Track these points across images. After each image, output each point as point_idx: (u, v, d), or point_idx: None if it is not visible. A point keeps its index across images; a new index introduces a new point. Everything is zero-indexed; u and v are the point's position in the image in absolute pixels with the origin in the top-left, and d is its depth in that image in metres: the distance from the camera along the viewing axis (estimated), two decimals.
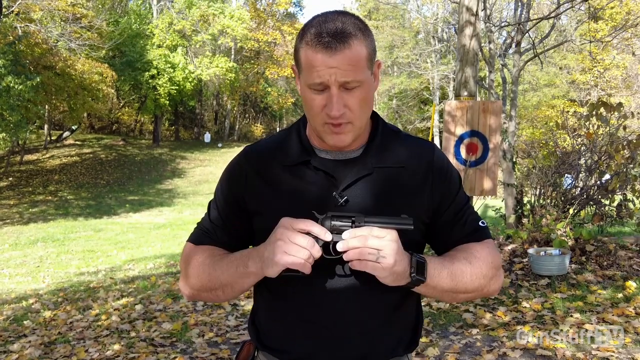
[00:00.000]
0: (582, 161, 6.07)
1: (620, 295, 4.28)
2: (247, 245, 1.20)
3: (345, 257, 0.97)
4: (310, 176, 1.11)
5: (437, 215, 1.15)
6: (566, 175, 6.20)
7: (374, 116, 1.18)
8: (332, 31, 0.99)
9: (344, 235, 0.97)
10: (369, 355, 1.13)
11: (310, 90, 1.04)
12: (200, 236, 1.20)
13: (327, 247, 1.01)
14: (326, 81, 1.00)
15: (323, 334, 1.11)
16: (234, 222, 1.18)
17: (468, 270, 1.09)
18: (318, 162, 1.11)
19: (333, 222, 1.00)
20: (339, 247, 0.97)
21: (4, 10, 14.18)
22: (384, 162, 1.12)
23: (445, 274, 1.06)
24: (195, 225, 1.24)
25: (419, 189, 1.13)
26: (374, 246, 0.95)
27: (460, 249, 1.14)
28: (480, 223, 1.18)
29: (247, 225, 1.17)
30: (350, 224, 0.99)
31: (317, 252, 0.98)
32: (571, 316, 3.90)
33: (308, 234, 0.98)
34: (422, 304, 4.43)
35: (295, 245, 0.96)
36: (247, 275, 1.06)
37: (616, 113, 5.48)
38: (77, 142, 26.97)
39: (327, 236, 0.98)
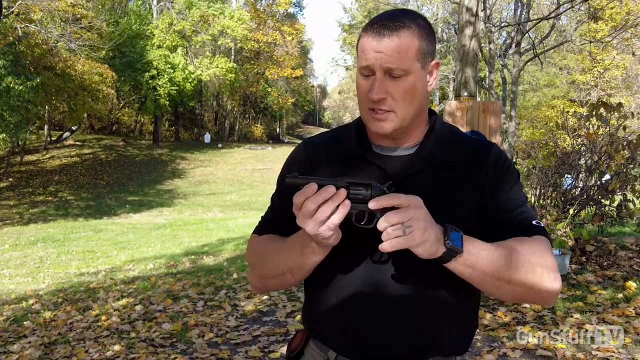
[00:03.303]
0: (582, 161, 6.07)
1: (620, 295, 4.28)
2: None
3: (379, 227, 0.95)
4: (364, 169, 1.14)
5: (488, 212, 1.12)
6: (566, 175, 6.20)
7: (432, 114, 1.20)
8: (386, 19, 1.05)
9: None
10: (414, 348, 1.12)
11: (360, 75, 1.08)
12: (264, 227, 1.24)
13: (362, 217, 1.01)
14: (372, 64, 1.04)
15: (368, 324, 1.12)
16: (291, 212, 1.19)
17: (513, 257, 1.02)
18: (372, 156, 1.14)
19: (351, 191, 0.99)
20: (383, 244, 0.95)
21: (4, 10, 14.19)
22: (437, 160, 1.13)
23: (485, 254, 1.01)
24: (260, 219, 1.27)
25: (470, 187, 1.12)
26: (396, 221, 0.94)
27: (508, 240, 1.08)
28: (534, 222, 1.12)
29: None
30: (367, 191, 0.99)
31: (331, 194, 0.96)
32: (571, 316, 3.90)
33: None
34: None
35: (317, 216, 0.96)
36: (316, 253, 1.06)
37: (616, 113, 5.48)
38: (77, 143, 26.99)
39: (331, 189, 0.96)
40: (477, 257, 1.01)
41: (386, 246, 0.95)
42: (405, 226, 0.94)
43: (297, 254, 1.08)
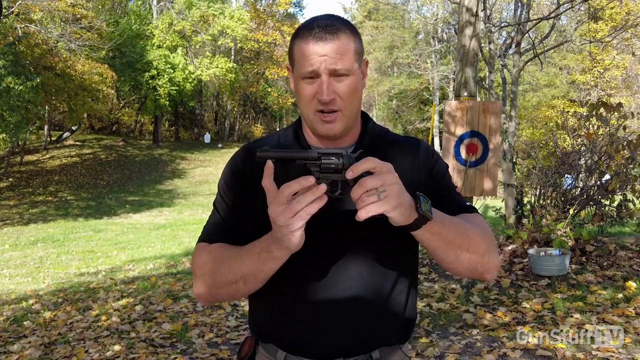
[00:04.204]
0: (582, 161, 6.07)
1: (620, 295, 4.28)
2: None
3: (353, 195, 0.95)
4: (305, 173, 1.13)
5: (428, 196, 1.15)
6: (566, 175, 6.20)
7: (364, 117, 1.24)
8: (322, 25, 1.09)
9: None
10: (361, 342, 1.16)
11: (302, 81, 1.11)
12: (212, 234, 1.20)
13: (335, 187, 1.00)
14: (317, 69, 1.08)
15: (315, 321, 1.14)
16: (244, 212, 1.19)
17: (469, 227, 1.11)
18: None
19: (322, 161, 0.99)
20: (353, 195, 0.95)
21: (4, 11, 14.19)
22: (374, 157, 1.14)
23: (449, 222, 1.07)
24: (203, 228, 1.24)
25: (406, 179, 1.14)
26: (370, 186, 0.94)
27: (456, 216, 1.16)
28: (467, 203, 1.23)
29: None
30: (338, 160, 0.98)
31: (313, 186, 0.96)
32: (571, 316, 3.90)
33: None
34: (422, 304, 4.44)
35: (292, 205, 0.95)
36: (273, 259, 1.04)
37: (616, 113, 5.48)
38: (77, 143, 26.97)
39: (311, 179, 0.96)
40: (442, 226, 1.05)
41: (362, 214, 0.95)
42: (380, 191, 0.94)
43: (254, 259, 1.06)
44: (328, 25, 1.09)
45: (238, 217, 1.19)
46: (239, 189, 1.20)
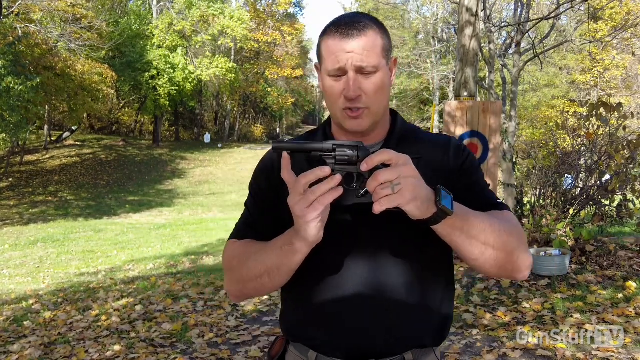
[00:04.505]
0: (582, 161, 6.07)
1: (620, 295, 4.28)
2: None
3: (369, 187, 0.94)
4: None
5: (456, 192, 1.14)
6: (566, 175, 6.20)
7: (393, 113, 1.24)
8: (349, 22, 1.09)
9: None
10: (394, 343, 1.14)
11: (329, 78, 1.11)
12: (243, 231, 1.22)
13: (351, 180, 0.99)
14: (344, 65, 1.07)
15: (349, 321, 1.13)
16: (272, 209, 1.19)
17: (495, 223, 1.06)
18: None
19: (337, 152, 0.98)
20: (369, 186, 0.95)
21: (4, 11, 14.19)
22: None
23: (473, 217, 1.03)
24: (235, 225, 1.25)
25: (435, 176, 1.14)
26: (384, 179, 0.93)
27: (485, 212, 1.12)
28: (499, 201, 1.19)
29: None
30: (353, 152, 0.98)
31: (329, 177, 0.95)
32: (571, 316, 3.90)
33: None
34: None
35: (307, 195, 0.95)
36: (294, 252, 1.04)
37: (616, 113, 5.48)
38: (77, 143, 26.98)
39: (326, 169, 0.95)
40: (464, 221, 1.02)
41: (376, 207, 0.93)
42: (395, 184, 0.93)
43: (277, 252, 1.07)
44: (355, 21, 1.09)
45: (266, 214, 1.20)
46: (267, 186, 1.21)
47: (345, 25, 1.08)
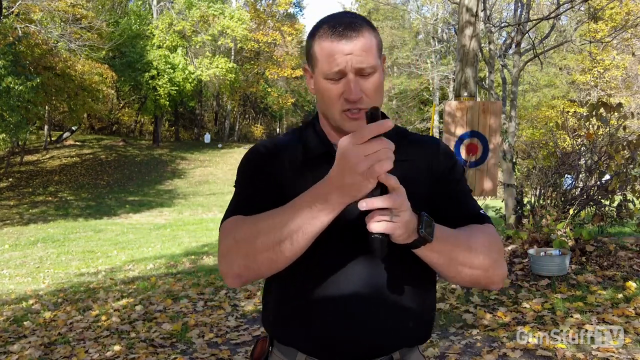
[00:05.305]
0: (582, 161, 6.07)
1: (620, 295, 4.28)
2: None
3: (373, 204, 0.92)
4: (329, 167, 1.11)
5: (440, 198, 1.17)
6: (566, 175, 6.20)
7: (382, 115, 1.21)
8: (345, 23, 1.07)
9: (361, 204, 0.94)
10: (383, 343, 1.14)
11: (326, 81, 1.09)
12: (238, 208, 1.12)
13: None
14: (343, 68, 1.06)
15: (338, 322, 1.11)
16: (267, 191, 1.14)
17: (473, 243, 1.08)
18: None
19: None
20: (361, 206, 0.93)
21: (4, 11, 14.19)
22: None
23: (452, 240, 1.06)
24: (224, 214, 1.15)
25: (423, 179, 1.16)
26: (389, 205, 0.93)
27: (463, 227, 1.14)
28: (481, 211, 1.20)
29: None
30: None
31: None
32: (571, 316, 3.90)
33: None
34: None
35: (378, 152, 0.90)
36: (329, 211, 0.97)
37: (616, 113, 5.48)
38: (77, 143, 26.99)
39: (389, 123, 0.91)
40: (443, 244, 1.04)
41: (374, 227, 0.93)
42: (394, 213, 0.94)
43: (305, 212, 0.98)
44: (351, 22, 1.07)
45: (264, 194, 1.13)
46: (263, 166, 1.16)
47: (341, 26, 1.06)
